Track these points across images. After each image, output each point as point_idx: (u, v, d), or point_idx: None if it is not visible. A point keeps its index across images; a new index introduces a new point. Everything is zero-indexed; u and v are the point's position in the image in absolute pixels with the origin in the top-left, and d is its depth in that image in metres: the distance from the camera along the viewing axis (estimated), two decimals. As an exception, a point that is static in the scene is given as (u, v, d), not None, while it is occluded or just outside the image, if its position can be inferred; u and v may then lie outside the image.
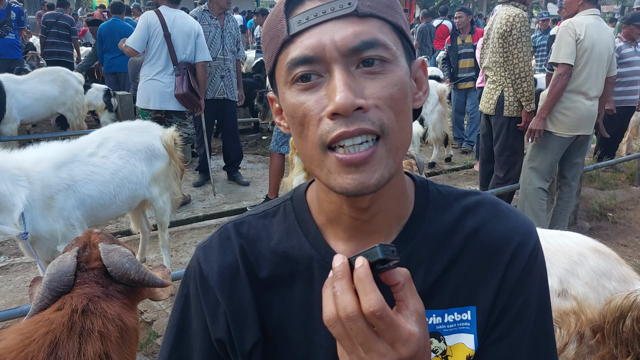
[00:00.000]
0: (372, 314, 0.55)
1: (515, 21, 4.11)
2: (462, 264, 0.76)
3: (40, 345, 1.23)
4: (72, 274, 1.38)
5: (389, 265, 0.58)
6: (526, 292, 0.76)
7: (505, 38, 4.17)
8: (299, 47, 0.66)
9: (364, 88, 0.65)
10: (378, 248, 0.57)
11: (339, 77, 0.64)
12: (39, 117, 6.36)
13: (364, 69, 0.66)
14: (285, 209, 0.83)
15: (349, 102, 0.62)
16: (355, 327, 0.56)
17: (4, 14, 7.31)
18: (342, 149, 0.65)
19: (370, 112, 0.65)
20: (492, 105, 4.42)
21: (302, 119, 0.67)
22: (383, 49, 0.66)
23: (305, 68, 0.66)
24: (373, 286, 0.56)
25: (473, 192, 0.83)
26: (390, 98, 0.66)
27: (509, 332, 0.75)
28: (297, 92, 0.67)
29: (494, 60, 4.33)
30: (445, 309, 0.76)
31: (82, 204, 2.87)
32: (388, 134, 0.66)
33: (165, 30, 4.61)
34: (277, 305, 0.78)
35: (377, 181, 0.66)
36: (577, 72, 3.83)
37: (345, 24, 0.65)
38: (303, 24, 0.66)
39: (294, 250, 0.78)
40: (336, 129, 0.64)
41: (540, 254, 0.79)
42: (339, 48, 0.64)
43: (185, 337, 0.82)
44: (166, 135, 3.39)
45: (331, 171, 0.67)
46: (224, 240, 0.82)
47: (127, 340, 1.33)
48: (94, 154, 2.98)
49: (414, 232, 0.77)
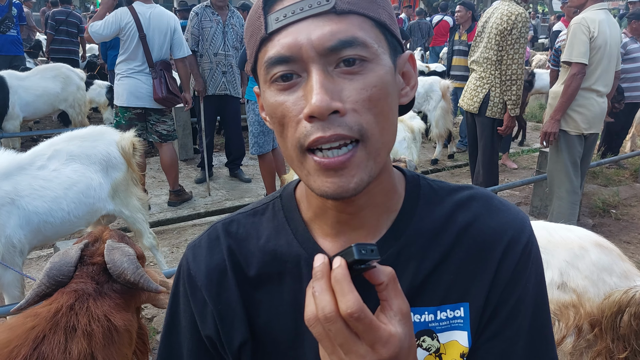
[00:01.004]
0: (350, 315, 0.54)
1: (517, 20, 4.04)
2: (454, 260, 0.75)
3: (24, 339, 1.23)
4: (73, 265, 1.38)
5: (368, 265, 0.57)
6: (520, 289, 0.74)
7: (503, 36, 4.10)
8: (276, 46, 0.65)
9: (341, 90, 0.63)
10: (354, 248, 0.56)
11: (315, 78, 0.62)
12: (41, 113, 6.37)
13: (342, 69, 0.64)
14: (274, 206, 0.82)
15: (324, 106, 0.61)
16: (334, 328, 0.55)
17: (5, 10, 7.30)
18: (321, 152, 0.64)
19: (348, 117, 0.63)
20: (476, 103, 4.34)
21: (281, 120, 0.66)
22: (362, 47, 0.64)
23: (283, 68, 0.65)
24: (350, 287, 0.55)
25: (466, 186, 0.82)
26: (369, 100, 0.64)
27: (503, 329, 0.74)
28: (275, 92, 0.66)
29: (485, 56, 4.26)
30: (438, 305, 0.74)
31: (28, 223, 2.58)
32: (368, 137, 0.64)
33: (140, 32, 4.39)
34: (266, 305, 0.77)
35: (356, 185, 0.65)
36: (591, 69, 3.71)
37: (323, 22, 0.63)
38: (280, 22, 0.65)
39: (283, 249, 0.78)
40: (313, 134, 0.63)
41: (535, 248, 0.77)
42: (315, 47, 0.63)
43: (174, 333, 0.82)
44: (124, 141, 3.12)
45: (310, 173, 0.66)
46: (213, 240, 0.81)
47: (115, 342, 1.30)
48: (43, 167, 2.73)
49: (403, 228, 0.76)
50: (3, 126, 5.74)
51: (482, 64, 4.29)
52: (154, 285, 1.38)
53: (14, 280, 2.61)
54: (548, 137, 3.90)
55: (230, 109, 5.48)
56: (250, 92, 4.77)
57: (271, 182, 4.92)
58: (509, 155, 6.77)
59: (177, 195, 5.07)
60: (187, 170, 6.21)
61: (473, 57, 4.44)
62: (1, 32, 7.33)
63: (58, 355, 1.21)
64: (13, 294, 2.62)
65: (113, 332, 1.30)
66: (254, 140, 4.70)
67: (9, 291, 2.61)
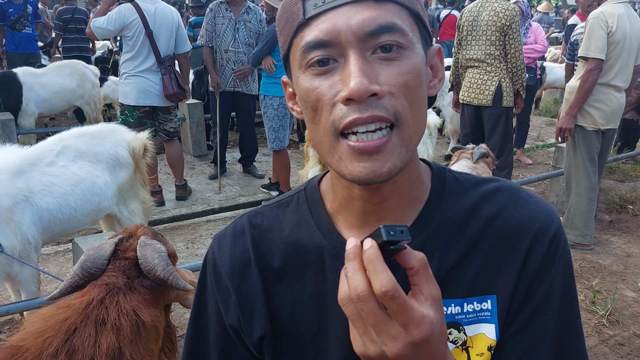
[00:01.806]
0: (384, 294, 0.54)
1: (513, 15, 4.23)
2: (480, 252, 0.74)
3: (57, 330, 1.25)
4: (106, 258, 1.41)
5: (400, 246, 0.57)
6: (548, 281, 0.73)
7: (504, 32, 4.27)
8: (314, 31, 0.65)
9: (378, 74, 0.64)
10: (382, 229, 0.56)
11: (354, 62, 0.63)
12: (57, 109, 6.43)
13: (379, 55, 0.64)
14: (298, 199, 0.83)
15: (363, 88, 0.61)
16: (367, 307, 0.55)
17: (21, 9, 7.38)
18: (355, 136, 0.64)
19: (385, 99, 0.63)
20: (489, 96, 4.44)
21: (315, 104, 0.67)
22: (400, 34, 0.65)
23: (320, 52, 0.65)
24: (383, 266, 0.55)
25: (491, 179, 0.81)
26: (405, 85, 0.65)
27: (530, 322, 0.73)
28: (311, 77, 0.67)
29: (488, 52, 4.37)
30: (464, 298, 0.74)
31: (40, 219, 2.59)
32: (402, 122, 0.65)
33: (147, 28, 4.32)
34: (289, 297, 0.78)
35: (389, 170, 0.65)
36: (609, 64, 3.66)
37: (362, 7, 0.64)
38: (319, 7, 0.65)
39: (305, 240, 0.78)
40: (349, 115, 0.63)
41: (563, 240, 0.76)
42: (355, 32, 0.63)
43: (201, 321, 0.84)
44: (136, 141, 3.06)
45: (343, 158, 0.66)
46: (238, 231, 0.83)
47: (142, 337, 1.31)
48: (52, 163, 2.71)
49: (428, 219, 0.76)
50: (18, 122, 5.80)
51: (485, 60, 4.41)
52: (183, 283, 1.38)
53: (30, 276, 2.63)
54: (563, 132, 3.87)
55: (243, 106, 5.47)
56: (265, 88, 4.76)
57: (286, 177, 4.93)
58: (524, 151, 6.71)
59: (185, 189, 5.11)
60: (200, 166, 6.23)
61: (469, 54, 4.53)
62: (17, 30, 7.41)
63: (88, 348, 1.23)
64: (30, 289, 2.65)
65: (140, 327, 1.30)
66: (275, 135, 4.71)
67: (27, 287, 2.64)
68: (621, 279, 3.70)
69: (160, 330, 1.41)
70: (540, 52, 5.96)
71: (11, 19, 7.32)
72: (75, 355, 1.22)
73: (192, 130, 6.48)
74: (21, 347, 1.24)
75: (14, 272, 2.55)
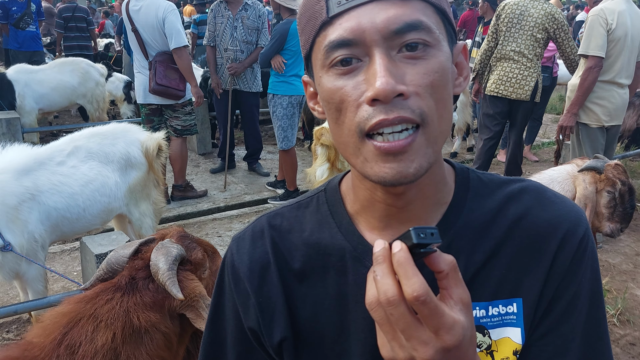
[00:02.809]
0: (416, 299, 0.52)
1: (562, 19, 4.29)
2: (505, 254, 0.73)
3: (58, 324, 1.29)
4: (127, 256, 1.45)
5: (430, 249, 0.55)
6: (576, 283, 0.72)
7: (552, 33, 4.31)
8: (338, 30, 0.64)
9: (404, 74, 0.62)
10: (412, 232, 0.54)
11: (379, 61, 0.61)
12: (57, 106, 6.39)
13: (405, 54, 0.63)
14: (318, 200, 0.82)
15: (389, 88, 0.60)
16: (396, 312, 0.54)
17: (24, 7, 7.37)
18: (381, 137, 0.63)
19: (411, 100, 0.62)
20: (527, 91, 4.44)
21: (339, 105, 0.65)
22: (426, 32, 0.63)
23: (344, 52, 0.63)
24: (415, 270, 0.53)
25: (517, 179, 0.80)
26: (431, 85, 0.63)
27: (558, 325, 0.72)
28: (334, 77, 0.65)
29: (532, 49, 4.37)
30: (490, 301, 0.73)
31: (48, 218, 2.60)
32: (428, 123, 0.63)
33: (132, 25, 4.41)
34: (311, 299, 0.77)
35: (416, 171, 0.63)
36: (610, 62, 3.66)
37: (387, 5, 0.62)
38: (343, 5, 0.63)
39: (326, 242, 0.77)
40: (375, 116, 0.62)
41: (591, 243, 0.74)
42: (380, 31, 0.62)
43: (219, 324, 0.83)
44: (150, 141, 3.05)
45: (368, 159, 0.65)
46: (257, 233, 0.81)
47: (144, 342, 1.30)
48: (62, 163, 2.72)
49: (453, 221, 0.74)
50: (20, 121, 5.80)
51: (528, 55, 4.39)
52: (175, 289, 1.35)
53: (37, 275, 2.63)
54: (564, 130, 3.87)
55: (244, 104, 5.45)
56: (274, 87, 4.74)
57: (293, 176, 4.91)
58: (531, 148, 6.68)
59: (179, 191, 5.05)
60: (205, 164, 6.22)
61: (510, 46, 4.43)
62: (20, 28, 7.40)
63: (85, 343, 1.26)
64: (37, 288, 2.65)
65: (133, 330, 1.30)
66: (284, 134, 4.71)
67: (34, 285, 2.64)
68: (631, 278, 3.67)
69: (172, 338, 1.38)
70: (552, 51, 5.91)
71: (15, 17, 7.32)
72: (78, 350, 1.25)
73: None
74: (32, 343, 1.27)
75: (22, 270, 2.54)
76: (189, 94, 4.69)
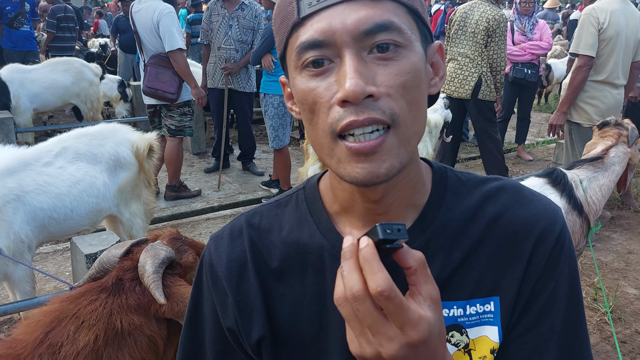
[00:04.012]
0: (380, 294, 0.52)
1: (501, 21, 4.56)
2: (483, 253, 0.73)
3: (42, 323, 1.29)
4: (118, 257, 1.45)
5: (397, 245, 0.55)
6: (554, 282, 0.72)
7: (488, 33, 4.58)
8: (309, 31, 0.64)
9: (375, 75, 0.62)
10: (378, 227, 0.54)
11: (349, 62, 0.61)
12: (51, 105, 6.35)
13: (376, 55, 0.63)
14: (297, 198, 0.82)
15: (358, 90, 0.60)
16: (362, 307, 0.54)
17: (18, 6, 7.35)
18: (352, 138, 0.63)
19: (381, 101, 0.62)
20: (469, 90, 4.68)
21: (312, 106, 0.65)
22: (397, 32, 0.63)
23: (315, 53, 0.64)
24: (379, 266, 0.53)
25: (494, 177, 0.80)
26: (403, 86, 0.63)
27: (536, 324, 0.72)
28: (307, 78, 0.65)
29: (473, 49, 4.63)
30: (467, 300, 0.73)
31: (34, 218, 2.58)
32: (399, 124, 0.63)
33: (134, 26, 4.52)
34: (289, 298, 0.77)
35: (387, 170, 0.63)
36: (602, 61, 3.66)
37: (358, 6, 0.62)
38: (314, 6, 0.64)
39: (305, 240, 0.77)
40: (346, 117, 0.62)
41: (568, 240, 0.74)
42: (350, 32, 0.62)
43: (197, 323, 0.83)
44: (141, 141, 3.02)
45: (341, 160, 0.65)
46: (235, 231, 0.81)
47: (128, 344, 1.29)
48: (49, 164, 2.71)
49: (430, 220, 0.74)
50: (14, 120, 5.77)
51: (470, 55, 4.64)
52: (159, 293, 1.34)
53: (25, 276, 2.61)
54: (554, 129, 3.90)
55: (237, 104, 5.44)
56: (265, 86, 4.73)
57: (287, 175, 4.91)
58: (524, 147, 6.69)
59: (173, 191, 5.04)
60: (200, 164, 6.21)
61: (456, 48, 4.76)
62: (15, 28, 7.39)
63: (67, 343, 1.25)
64: (24, 289, 2.63)
65: (120, 333, 1.29)
66: (275, 134, 4.70)
67: (21, 287, 2.62)
68: (622, 276, 3.68)
69: (159, 342, 1.37)
70: (545, 50, 5.93)
71: (8, 16, 7.31)
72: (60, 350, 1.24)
73: (190, 127, 6.45)
74: (16, 340, 1.27)
75: (9, 271, 2.53)
76: (187, 96, 4.68)
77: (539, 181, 2.52)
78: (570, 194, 2.43)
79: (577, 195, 2.45)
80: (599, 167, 2.60)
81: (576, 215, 2.42)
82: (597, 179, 2.55)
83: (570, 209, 2.42)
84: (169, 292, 1.38)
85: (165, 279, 1.39)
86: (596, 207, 2.53)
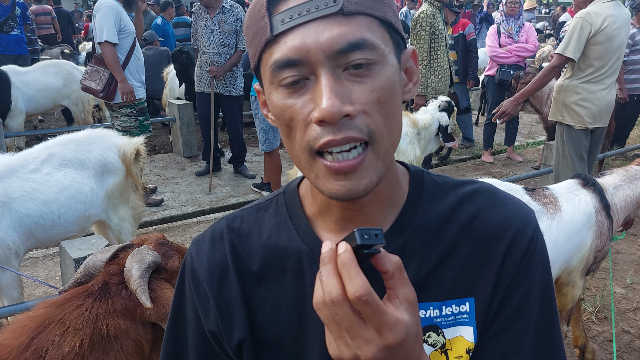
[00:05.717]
0: (358, 298, 0.53)
1: (416, 18, 4.83)
2: (458, 254, 0.74)
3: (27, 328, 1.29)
4: (104, 261, 1.45)
5: (375, 250, 0.57)
6: (527, 283, 0.73)
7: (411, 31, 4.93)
8: (283, 49, 0.64)
9: (351, 92, 0.63)
10: (356, 233, 0.55)
11: (325, 82, 0.62)
12: (42, 108, 6.34)
13: (351, 71, 0.63)
14: (277, 202, 0.83)
15: (335, 110, 0.61)
16: (341, 312, 0.55)
17: (9, 10, 7.31)
18: (330, 156, 0.64)
19: (358, 119, 0.63)
20: None
21: (289, 122, 0.66)
22: (370, 50, 0.63)
23: (291, 72, 0.64)
24: (357, 270, 0.55)
25: (470, 181, 0.82)
26: (378, 102, 0.64)
27: (510, 324, 0.73)
28: (283, 95, 0.66)
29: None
30: (443, 301, 0.74)
31: (20, 224, 2.58)
32: (376, 140, 0.64)
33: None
34: (269, 302, 0.78)
35: (366, 187, 0.65)
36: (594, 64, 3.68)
37: (331, 23, 0.62)
38: (286, 23, 0.63)
39: (284, 244, 0.78)
40: (324, 137, 0.63)
41: (541, 242, 0.76)
42: (324, 50, 0.62)
43: (179, 326, 0.84)
44: (128, 146, 3.02)
45: (319, 176, 0.66)
46: (216, 236, 0.82)
47: (114, 348, 1.30)
48: (36, 170, 2.71)
49: (407, 222, 0.75)
50: (6, 123, 5.73)
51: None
52: (145, 297, 1.34)
53: (11, 282, 2.61)
54: (503, 115, 3.89)
55: (225, 107, 5.43)
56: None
57: (277, 178, 4.92)
58: (514, 149, 6.73)
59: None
60: (191, 167, 6.20)
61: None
62: (5, 32, 7.35)
63: (52, 347, 1.25)
64: (12, 295, 2.62)
65: (106, 337, 1.29)
66: (265, 137, 4.70)
67: (8, 292, 2.62)
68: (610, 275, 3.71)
69: (145, 345, 1.37)
70: (531, 52, 5.99)
71: (-1, 20, 7.26)
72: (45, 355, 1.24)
73: (182, 131, 6.44)
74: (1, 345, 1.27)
75: None
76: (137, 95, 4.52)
77: (571, 182, 2.58)
78: (601, 194, 2.46)
79: (607, 196, 2.48)
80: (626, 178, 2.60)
81: (604, 216, 2.45)
82: (623, 188, 2.57)
83: (600, 209, 2.44)
84: (155, 296, 1.39)
85: (151, 283, 1.40)
86: (618, 216, 2.55)
